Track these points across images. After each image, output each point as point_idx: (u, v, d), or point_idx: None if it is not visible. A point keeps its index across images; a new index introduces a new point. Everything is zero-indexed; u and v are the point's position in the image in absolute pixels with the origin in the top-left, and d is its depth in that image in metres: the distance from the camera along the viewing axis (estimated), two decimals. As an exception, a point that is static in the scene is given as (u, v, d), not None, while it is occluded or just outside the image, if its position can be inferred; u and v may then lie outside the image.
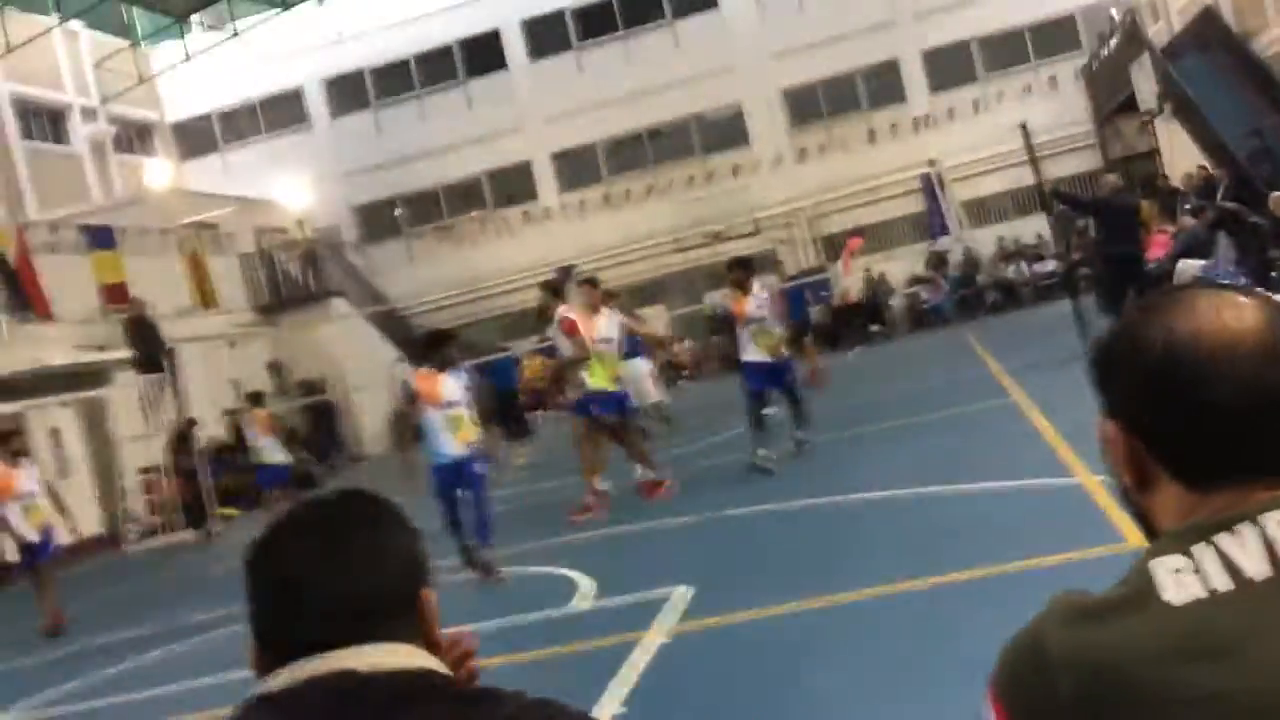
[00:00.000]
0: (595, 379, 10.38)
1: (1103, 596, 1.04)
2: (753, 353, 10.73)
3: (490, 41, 32.01)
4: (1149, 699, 0.96)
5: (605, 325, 10.79)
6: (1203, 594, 0.99)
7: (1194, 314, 1.07)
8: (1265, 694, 0.94)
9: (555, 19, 31.70)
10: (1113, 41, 25.37)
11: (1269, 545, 1.01)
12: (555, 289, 10.83)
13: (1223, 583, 1.00)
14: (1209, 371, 1.04)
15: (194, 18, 28.96)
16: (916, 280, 29.68)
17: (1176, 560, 1.02)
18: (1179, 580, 1.01)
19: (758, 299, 10.79)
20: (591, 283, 11.59)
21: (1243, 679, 0.95)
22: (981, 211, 29.18)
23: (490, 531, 8.59)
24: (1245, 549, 1.01)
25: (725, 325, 11.56)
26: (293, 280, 28.12)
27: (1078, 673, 0.99)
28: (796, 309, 18.68)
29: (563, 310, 10.43)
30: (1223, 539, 1.02)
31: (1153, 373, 1.07)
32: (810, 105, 30.91)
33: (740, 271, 11.05)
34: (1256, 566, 1.00)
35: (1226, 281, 1.53)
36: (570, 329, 10.30)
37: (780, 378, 10.86)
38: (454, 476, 8.56)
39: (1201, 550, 1.02)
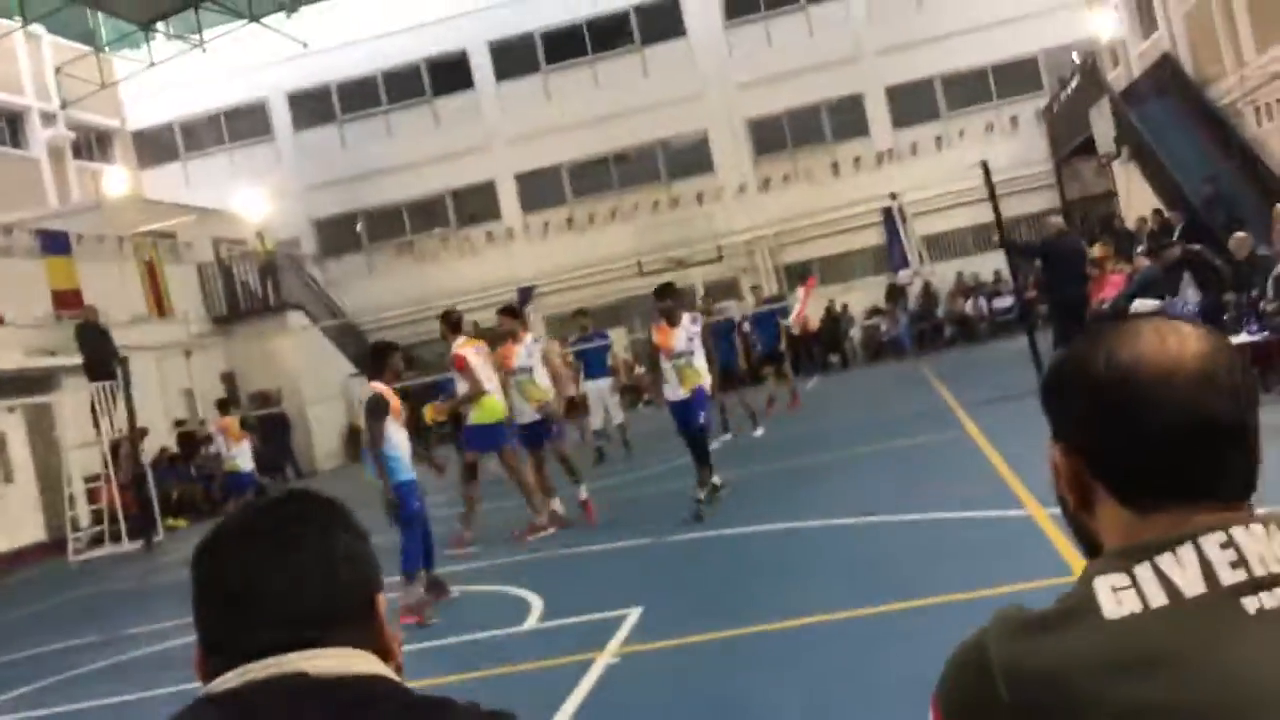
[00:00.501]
0: (480, 414, 10.07)
1: (1045, 611, 1.06)
2: (675, 389, 9.84)
3: (458, 61, 32.03)
4: (1085, 708, 0.99)
5: (524, 354, 10.60)
6: (1138, 609, 1.02)
7: (1138, 340, 1.09)
8: (1193, 705, 0.97)
9: (523, 41, 31.79)
10: (1073, 84, 25.80)
11: (1205, 565, 1.03)
12: (453, 323, 10.37)
13: (1158, 599, 1.02)
14: (1149, 395, 1.06)
15: (159, 26, 28.75)
16: (875, 312, 29.95)
17: (1118, 578, 1.04)
18: (1118, 596, 1.03)
19: (687, 332, 9.84)
20: (510, 312, 11.32)
21: (1172, 690, 0.97)
22: (941, 246, 29.48)
23: (433, 552, 8.44)
24: (1183, 568, 1.03)
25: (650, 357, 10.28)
26: (250, 291, 27.84)
27: (1018, 682, 1.02)
28: (770, 335, 18.69)
29: (456, 347, 10.10)
30: (1163, 559, 1.04)
31: (1095, 395, 1.09)
32: (775, 136, 31.16)
33: (669, 300, 9.98)
34: (1192, 585, 1.02)
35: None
36: (460, 365, 10.00)
37: (693, 418, 9.82)
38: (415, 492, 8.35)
39: (1142, 569, 1.04)
